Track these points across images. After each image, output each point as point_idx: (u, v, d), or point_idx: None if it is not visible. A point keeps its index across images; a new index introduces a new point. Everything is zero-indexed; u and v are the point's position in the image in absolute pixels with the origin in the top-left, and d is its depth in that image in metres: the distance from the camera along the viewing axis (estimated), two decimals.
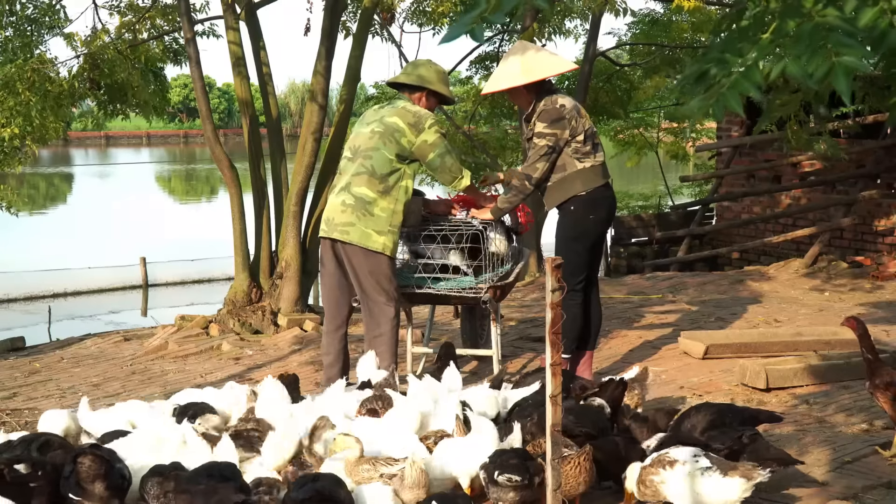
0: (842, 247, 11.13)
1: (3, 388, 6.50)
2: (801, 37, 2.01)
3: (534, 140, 5.47)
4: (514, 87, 5.45)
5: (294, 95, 64.14)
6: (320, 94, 8.53)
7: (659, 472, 3.53)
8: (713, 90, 2.14)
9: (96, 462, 3.56)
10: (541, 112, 5.45)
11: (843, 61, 1.96)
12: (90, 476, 3.54)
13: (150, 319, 13.41)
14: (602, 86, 14.24)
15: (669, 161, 18.65)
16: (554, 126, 5.40)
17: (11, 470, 3.65)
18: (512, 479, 3.59)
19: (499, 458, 3.69)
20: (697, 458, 3.50)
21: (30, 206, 24.49)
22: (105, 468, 3.58)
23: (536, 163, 5.44)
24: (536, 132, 5.45)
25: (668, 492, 3.51)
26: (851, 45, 1.97)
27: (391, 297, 5.28)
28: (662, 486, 3.52)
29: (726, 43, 2.20)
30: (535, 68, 5.42)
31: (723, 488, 3.43)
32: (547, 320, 3.37)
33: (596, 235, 5.67)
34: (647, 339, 6.98)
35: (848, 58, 1.96)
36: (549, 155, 5.43)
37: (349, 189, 5.25)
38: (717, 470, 3.45)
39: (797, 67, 2.00)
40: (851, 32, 1.98)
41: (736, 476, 3.43)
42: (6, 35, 9.51)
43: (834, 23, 1.99)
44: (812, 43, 1.99)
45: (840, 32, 1.98)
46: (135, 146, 61.71)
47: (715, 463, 3.49)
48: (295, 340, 7.65)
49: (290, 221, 8.57)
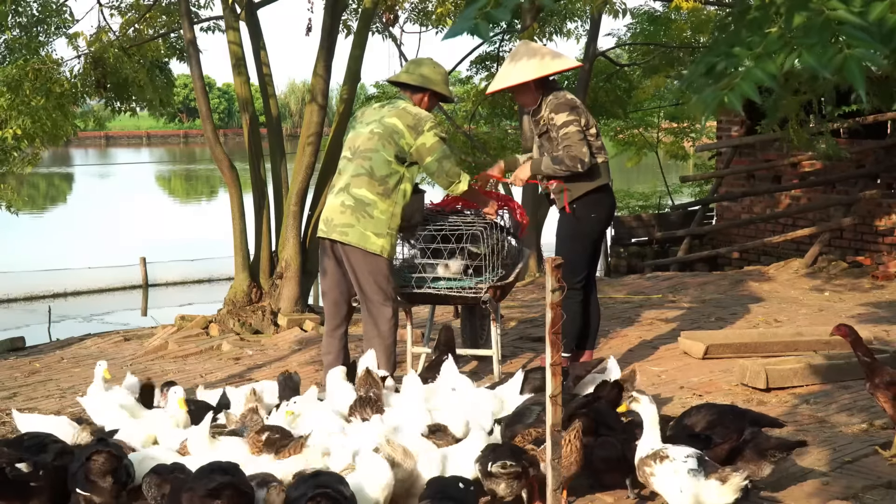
0: (842, 247, 11.13)
1: (3, 388, 6.50)
2: (812, 29, 2.02)
3: (562, 131, 5.45)
4: (523, 83, 5.47)
5: (294, 95, 64.11)
6: (320, 93, 8.53)
7: (651, 464, 3.64)
8: (726, 81, 2.15)
9: (109, 460, 3.70)
10: (555, 105, 5.48)
11: (855, 53, 1.97)
12: (101, 472, 3.69)
13: (150, 319, 13.41)
14: (602, 86, 14.24)
15: (669, 161, 18.64)
16: (574, 113, 5.46)
17: (13, 469, 3.65)
18: (507, 464, 3.65)
19: (492, 451, 3.77)
20: (687, 459, 3.57)
21: (30, 206, 24.48)
22: (116, 465, 3.73)
23: (582, 147, 5.41)
24: (560, 123, 5.45)
25: (656, 484, 3.64)
26: (863, 39, 1.98)
27: (389, 298, 5.28)
28: (652, 479, 3.64)
29: (733, 37, 2.21)
30: (547, 63, 5.46)
31: (705, 490, 3.51)
32: (547, 320, 3.38)
33: (597, 234, 5.69)
34: (647, 339, 6.98)
35: (860, 50, 1.97)
36: (585, 140, 5.44)
37: (348, 190, 5.25)
38: (703, 473, 3.53)
39: (812, 58, 2.00)
40: (862, 27, 1.99)
41: (718, 481, 3.50)
42: (13, 35, 9.52)
43: (844, 17, 2.00)
44: (823, 36, 2.00)
45: (851, 26, 1.99)
46: (135, 146, 61.69)
47: (703, 466, 3.56)
48: (295, 340, 7.65)
49: (290, 221, 8.57)
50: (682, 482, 3.52)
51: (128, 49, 9.73)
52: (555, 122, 5.47)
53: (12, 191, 9.73)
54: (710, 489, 3.50)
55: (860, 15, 2.00)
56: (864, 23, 1.99)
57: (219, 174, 10.23)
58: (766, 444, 3.87)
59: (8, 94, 8.64)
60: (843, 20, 2.00)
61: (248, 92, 9.03)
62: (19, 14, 9.55)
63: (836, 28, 1.99)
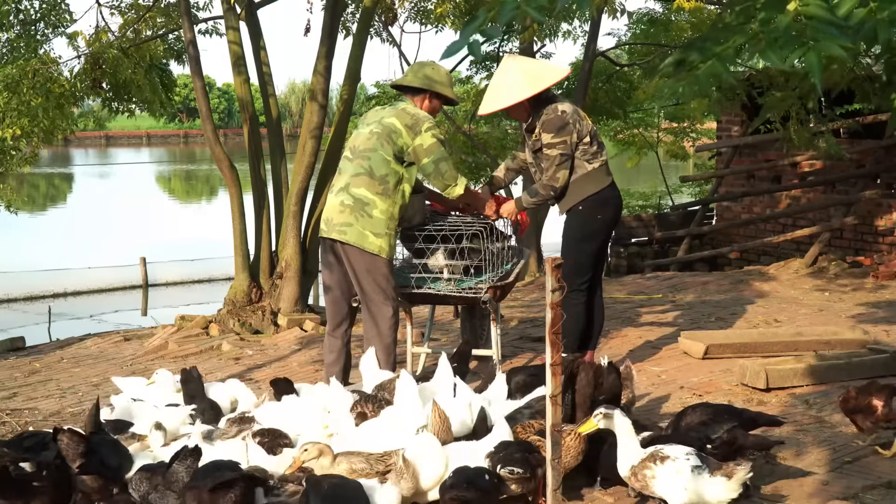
0: (842, 247, 11.13)
1: (3, 388, 6.50)
2: (780, 25, 2.05)
3: (545, 151, 5.48)
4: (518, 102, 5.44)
5: (294, 95, 64.15)
6: (320, 93, 8.53)
7: (651, 466, 3.58)
8: (686, 73, 2.18)
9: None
10: (544, 123, 5.45)
11: (816, 46, 1.99)
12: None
13: (150, 319, 13.41)
14: (602, 86, 14.23)
15: (669, 161, 18.64)
16: (561, 134, 5.42)
17: (17, 468, 3.65)
18: (514, 471, 3.67)
19: (503, 451, 3.77)
20: (689, 457, 3.56)
21: (30, 206, 24.49)
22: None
23: (556, 173, 5.47)
24: (546, 143, 5.46)
25: (658, 487, 3.57)
26: (830, 34, 2.00)
27: (389, 297, 5.28)
28: (653, 481, 3.58)
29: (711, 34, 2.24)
30: (540, 77, 5.42)
31: (712, 487, 3.49)
32: (547, 320, 3.38)
33: (604, 236, 5.70)
34: (647, 339, 6.98)
35: (823, 43, 1.99)
36: (565, 163, 5.47)
37: (348, 189, 5.26)
38: (707, 469, 3.51)
39: (773, 52, 2.03)
40: (831, 21, 2.01)
41: (724, 476, 3.49)
42: (14, 33, 9.52)
43: (814, 13, 2.02)
44: (788, 31, 2.03)
45: (820, 21, 2.01)
46: (135, 146, 61.71)
47: (706, 462, 3.54)
48: (295, 340, 7.65)
49: (290, 221, 8.57)
50: (686, 481, 3.49)
51: (127, 49, 9.72)
52: (544, 141, 5.48)
53: (12, 191, 9.73)
54: (717, 485, 3.47)
55: (830, 10, 2.03)
56: (835, 18, 2.02)
57: (219, 174, 10.24)
58: (743, 441, 3.90)
59: (6, 94, 8.64)
60: (813, 15, 2.02)
61: (248, 92, 9.03)
62: (19, 12, 9.55)
63: (805, 23, 2.02)
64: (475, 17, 2.21)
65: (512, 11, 2.16)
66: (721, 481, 3.48)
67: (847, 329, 6.74)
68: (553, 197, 5.60)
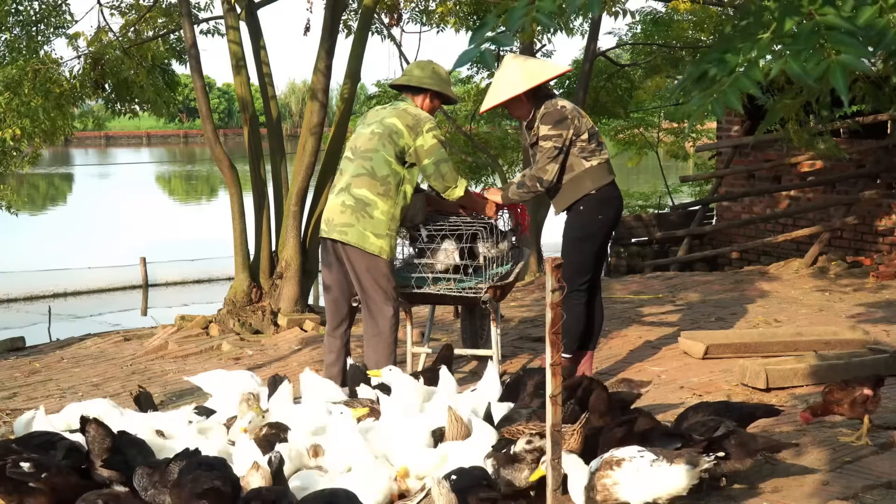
0: (842, 247, 11.13)
1: (3, 388, 6.51)
2: (800, 35, 2.02)
3: (540, 144, 5.48)
4: (515, 96, 5.44)
5: (294, 95, 64.11)
6: (321, 91, 8.53)
7: (609, 474, 3.50)
8: (713, 89, 2.15)
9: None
10: (543, 115, 5.46)
11: (841, 59, 1.96)
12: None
13: (150, 319, 13.41)
14: (602, 85, 14.23)
15: (669, 161, 18.64)
16: (558, 127, 5.42)
17: (15, 466, 3.64)
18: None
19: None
20: (643, 453, 3.52)
21: (30, 206, 24.48)
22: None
23: (546, 165, 5.46)
24: (542, 135, 5.45)
25: (622, 491, 3.50)
26: (850, 44, 1.97)
27: (389, 297, 5.28)
28: (616, 488, 3.49)
29: (726, 43, 2.21)
30: (536, 73, 5.44)
31: (672, 476, 3.46)
32: (547, 320, 3.37)
33: (604, 236, 5.69)
34: (647, 339, 6.98)
35: (846, 56, 1.96)
36: (557, 157, 5.45)
37: (349, 190, 5.25)
38: (664, 459, 3.48)
39: (796, 65, 2.00)
40: (851, 31, 1.98)
41: (682, 463, 3.47)
42: (14, 34, 9.52)
43: (833, 22, 1.99)
44: (810, 41, 1.99)
45: (839, 31, 1.98)
46: (135, 146, 61.70)
47: (660, 454, 3.51)
48: (295, 340, 7.65)
49: (290, 221, 8.57)
50: (648, 477, 3.44)
51: (127, 49, 9.73)
52: (540, 133, 5.48)
53: (12, 191, 9.73)
54: (679, 473, 3.44)
55: (849, 20, 2.00)
56: (854, 27, 1.99)
57: (219, 174, 10.25)
58: (753, 444, 3.84)
59: (7, 94, 8.64)
60: (833, 25, 1.99)
61: (248, 92, 9.03)
62: (19, 13, 9.55)
63: (824, 33, 1.99)
64: (484, 24, 2.18)
65: (522, 18, 2.13)
66: (683, 468, 3.45)
67: (847, 329, 6.73)
68: (540, 189, 5.55)
